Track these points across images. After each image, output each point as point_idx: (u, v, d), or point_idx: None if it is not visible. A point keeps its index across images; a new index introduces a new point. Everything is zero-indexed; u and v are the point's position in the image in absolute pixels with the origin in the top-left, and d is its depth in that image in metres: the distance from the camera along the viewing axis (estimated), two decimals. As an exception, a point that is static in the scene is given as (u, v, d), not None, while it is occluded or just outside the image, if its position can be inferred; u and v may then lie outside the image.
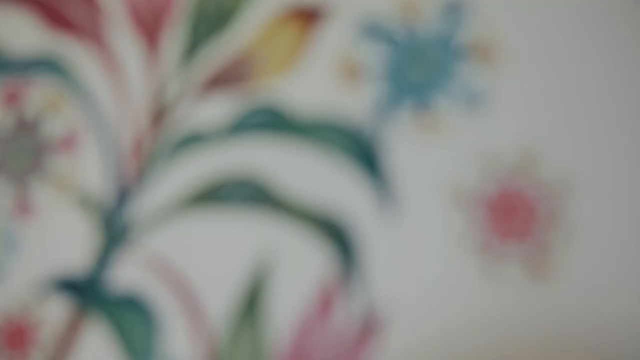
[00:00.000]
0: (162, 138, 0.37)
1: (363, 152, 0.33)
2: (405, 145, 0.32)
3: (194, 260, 0.35)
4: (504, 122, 0.31)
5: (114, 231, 0.37)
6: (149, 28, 0.39)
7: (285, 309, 0.32)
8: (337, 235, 0.32)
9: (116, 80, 0.39)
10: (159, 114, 0.38)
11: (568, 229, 0.30)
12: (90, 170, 0.38)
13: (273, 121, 0.35)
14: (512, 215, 0.31)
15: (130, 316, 0.36)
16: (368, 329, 0.31)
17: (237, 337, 0.33)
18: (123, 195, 0.37)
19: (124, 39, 0.39)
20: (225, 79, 0.37)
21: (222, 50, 0.37)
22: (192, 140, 0.37)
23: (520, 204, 0.31)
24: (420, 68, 0.32)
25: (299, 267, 0.33)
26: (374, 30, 0.33)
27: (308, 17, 0.35)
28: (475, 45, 0.32)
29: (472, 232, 0.31)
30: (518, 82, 0.31)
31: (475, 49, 0.32)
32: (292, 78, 0.35)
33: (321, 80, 0.34)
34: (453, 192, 0.32)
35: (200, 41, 0.38)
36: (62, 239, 0.38)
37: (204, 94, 0.37)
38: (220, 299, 0.34)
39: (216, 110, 0.36)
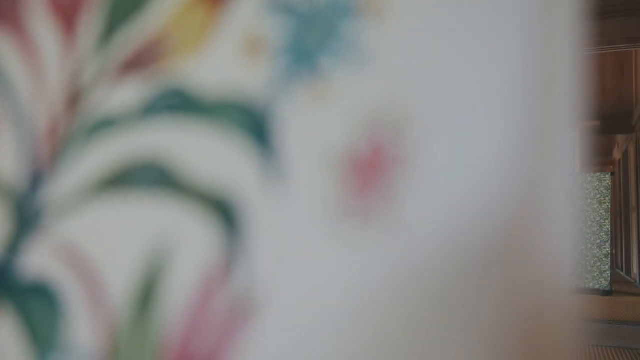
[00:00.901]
0: (76, 122, 0.36)
1: (257, 128, 0.32)
2: (297, 117, 0.31)
3: (100, 247, 0.34)
4: (382, 80, 0.31)
5: (26, 217, 0.36)
6: (67, 13, 0.38)
7: (177, 293, 0.32)
8: (227, 215, 0.32)
9: (33, 65, 0.38)
10: (74, 98, 0.37)
11: (422, 181, 0.30)
12: (3, 154, 0.38)
13: (180, 103, 0.34)
14: (379, 172, 0.30)
15: (37, 305, 0.35)
16: (249, 306, 0.30)
17: (135, 324, 0.32)
18: (36, 180, 0.37)
19: (41, 23, 0.39)
20: (138, 62, 0.36)
21: (137, 33, 0.37)
22: (105, 124, 0.36)
23: (387, 161, 0.30)
24: (315, 34, 0.32)
25: (192, 249, 0.32)
26: (277, 3, 0.33)
27: (216, -2, 0.35)
28: (367, 3, 0.31)
29: (341, 196, 0.31)
30: (402, 39, 0.31)
31: (368, 7, 0.31)
32: (200, 59, 0.34)
33: (227, 59, 0.34)
34: (335, 159, 0.31)
35: (116, 25, 0.37)
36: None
37: (118, 77, 0.36)
38: (122, 285, 0.33)
39: (129, 93, 0.36)
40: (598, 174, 4.90)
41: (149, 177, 0.34)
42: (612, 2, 3.44)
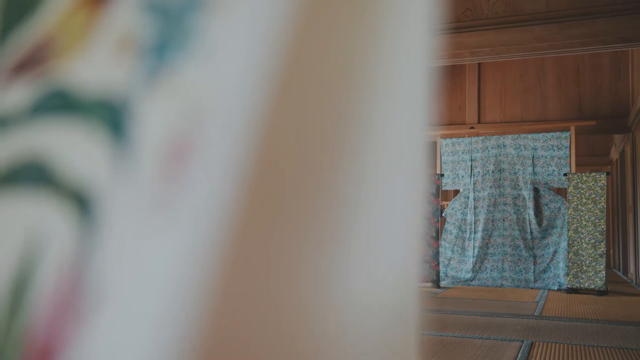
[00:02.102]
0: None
1: (119, 126, 0.32)
2: (153, 112, 0.31)
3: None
4: (224, 72, 0.30)
5: None
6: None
7: (41, 288, 0.32)
8: (87, 210, 0.32)
9: None
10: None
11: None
12: None
13: (63, 104, 0.34)
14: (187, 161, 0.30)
15: None
16: (99, 298, 0.31)
17: (6, 320, 0.32)
18: None
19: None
20: (29, 63, 0.36)
21: (28, 35, 0.37)
22: (-3, 125, 0.36)
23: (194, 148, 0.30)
24: (175, 33, 0.32)
25: (58, 245, 0.32)
26: (152, 4, 0.33)
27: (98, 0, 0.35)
28: None
29: (159, 190, 0.30)
30: (246, 35, 0.30)
31: (213, 2, 0.31)
32: (81, 59, 0.34)
33: (103, 59, 0.34)
34: (177, 153, 0.30)
35: (10, 27, 0.37)
36: None
37: (11, 79, 0.37)
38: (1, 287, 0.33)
39: (20, 94, 0.36)
40: (594, 173, 4.90)
41: (29, 176, 0.34)
42: (605, 2, 3.44)
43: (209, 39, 0.31)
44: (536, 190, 5.34)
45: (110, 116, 0.33)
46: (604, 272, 4.70)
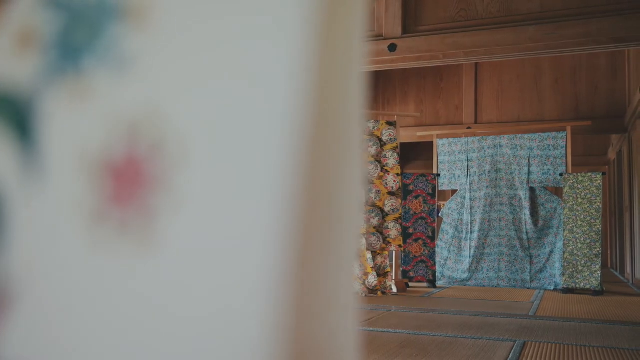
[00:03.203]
0: None
1: (21, 122, 0.32)
2: (58, 114, 0.31)
3: None
4: (141, 85, 0.30)
5: None
6: None
7: None
8: None
9: None
10: None
11: (178, 195, 0.30)
12: None
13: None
14: (131, 179, 0.30)
15: None
16: (4, 298, 0.31)
17: None
18: None
19: None
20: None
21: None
22: None
23: (140, 170, 0.30)
24: (81, 32, 0.31)
25: None
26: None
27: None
28: (131, 7, 0.31)
29: (95, 200, 0.30)
30: (162, 46, 0.30)
31: (131, 11, 0.31)
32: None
33: (4, 53, 0.34)
34: (86, 158, 0.31)
35: None
36: None
37: None
38: None
39: None
40: (589, 173, 4.90)
41: None
42: (599, 2, 3.44)
43: (127, 50, 0.30)
44: (532, 190, 5.35)
45: (10, 111, 0.32)
46: (599, 272, 4.70)
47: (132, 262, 0.30)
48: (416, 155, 8.66)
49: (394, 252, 5.05)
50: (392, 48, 3.76)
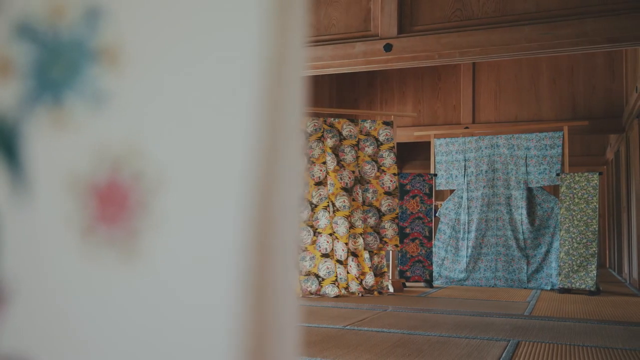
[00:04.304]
0: None
1: (6, 144, 0.34)
2: (41, 139, 0.34)
3: None
4: (118, 120, 0.34)
5: None
6: None
7: None
8: None
9: None
10: None
11: (157, 217, 0.34)
12: None
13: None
14: (114, 203, 0.34)
15: None
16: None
17: None
18: None
19: None
20: None
21: None
22: None
23: (122, 193, 0.34)
24: (58, 67, 0.34)
25: None
26: (25, 30, 0.35)
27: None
28: (105, 49, 0.35)
29: (82, 218, 0.34)
30: (135, 85, 0.34)
31: (105, 53, 0.34)
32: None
33: None
34: (73, 182, 0.34)
35: None
36: None
37: None
38: None
39: None
40: (586, 173, 4.90)
41: None
42: (595, 2, 3.45)
43: (103, 88, 0.33)
44: (529, 190, 5.35)
45: (2, 137, 0.35)
46: (594, 272, 4.70)
47: (117, 272, 0.34)
48: (414, 155, 8.67)
49: (391, 252, 5.05)
50: (388, 48, 3.76)
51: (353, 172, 4.72)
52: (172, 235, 0.34)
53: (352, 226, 4.63)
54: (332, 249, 4.49)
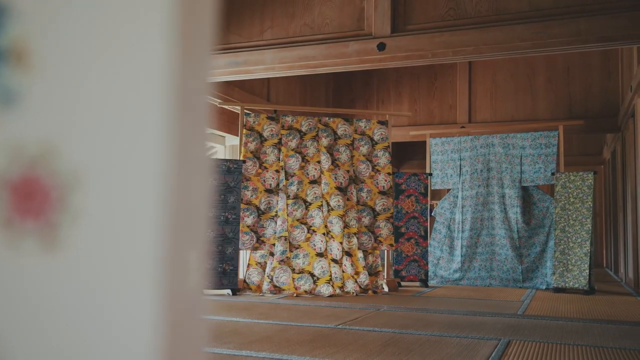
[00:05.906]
0: None
1: None
2: None
3: None
4: (31, 119, 0.35)
5: None
6: None
7: None
8: None
9: None
10: None
11: (75, 211, 0.35)
12: None
13: None
14: (31, 198, 0.36)
15: None
16: None
17: None
18: None
19: None
20: None
21: None
22: None
23: (38, 188, 0.36)
24: None
25: None
26: None
27: None
28: (12, 49, 0.35)
29: (4, 209, 0.36)
30: (46, 84, 0.35)
31: (12, 53, 0.35)
32: None
33: None
34: None
35: None
36: None
37: None
38: None
39: None
40: (581, 173, 4.90)
41: None
42: (587, 1, 3.44)
43: (12, 87, 0.34)
44: (525, 189, 5.35)
45: None
46: (588, 271, 4.69)
47: (39, 261, 0.36)
48: (411, 155, 8.66)
49: (386, 251, 5.05)
50: (381, 47, 3.76)
51: (348, 171, 4.72)
52: (90, 228, 0.35)
53: (346, 226, 4.62)
54: (327, 248, 4.49)
